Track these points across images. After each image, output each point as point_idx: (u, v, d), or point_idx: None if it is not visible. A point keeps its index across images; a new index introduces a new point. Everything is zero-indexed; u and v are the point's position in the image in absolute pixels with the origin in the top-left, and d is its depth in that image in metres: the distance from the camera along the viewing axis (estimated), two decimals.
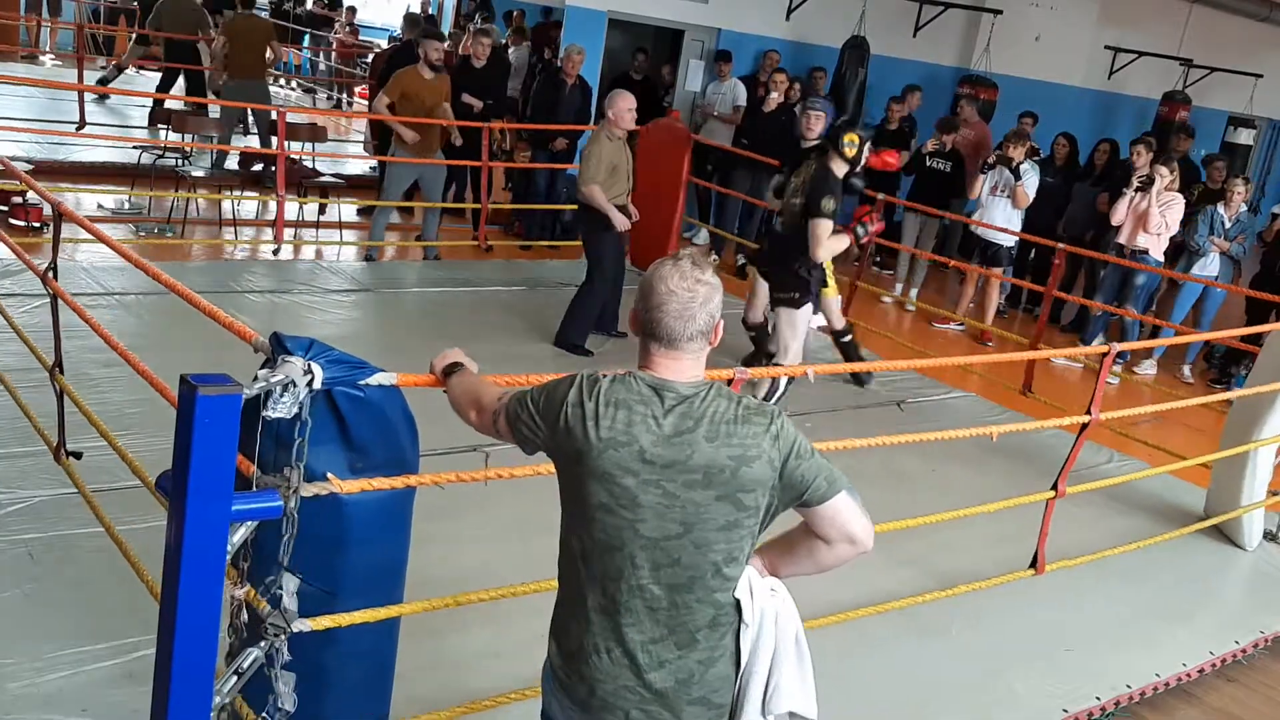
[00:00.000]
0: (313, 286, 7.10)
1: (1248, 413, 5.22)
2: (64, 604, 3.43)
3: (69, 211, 4.04)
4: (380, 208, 8.37)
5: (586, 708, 2.08)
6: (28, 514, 3.89)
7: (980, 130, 10.48)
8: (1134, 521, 5.25)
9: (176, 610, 2.06)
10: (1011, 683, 3.87)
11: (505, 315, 6.97)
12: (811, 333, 7.69)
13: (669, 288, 2.01)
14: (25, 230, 7.42)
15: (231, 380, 2.06)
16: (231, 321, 2.71)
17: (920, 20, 11.86)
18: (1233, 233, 8.33)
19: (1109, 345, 4.41)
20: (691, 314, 2.02)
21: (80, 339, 4.96)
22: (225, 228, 8.58)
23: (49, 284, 3.95)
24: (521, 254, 9.13)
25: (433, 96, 8.03)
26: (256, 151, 9.85)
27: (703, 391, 2.03)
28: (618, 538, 2.01)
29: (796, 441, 2.04)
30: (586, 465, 2.00)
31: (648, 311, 2.03)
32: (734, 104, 10.29)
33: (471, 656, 3.47)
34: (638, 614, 2.03)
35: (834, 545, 2.08)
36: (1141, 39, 11.99)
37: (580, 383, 2.05)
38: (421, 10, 15.53)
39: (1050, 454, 5.48)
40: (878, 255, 10.71)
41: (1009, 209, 8.43)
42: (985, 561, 4.42)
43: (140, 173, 8.94)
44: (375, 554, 2.59)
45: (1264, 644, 4.52)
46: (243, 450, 2.24)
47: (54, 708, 2.99)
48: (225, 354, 2.81)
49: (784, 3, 11.28)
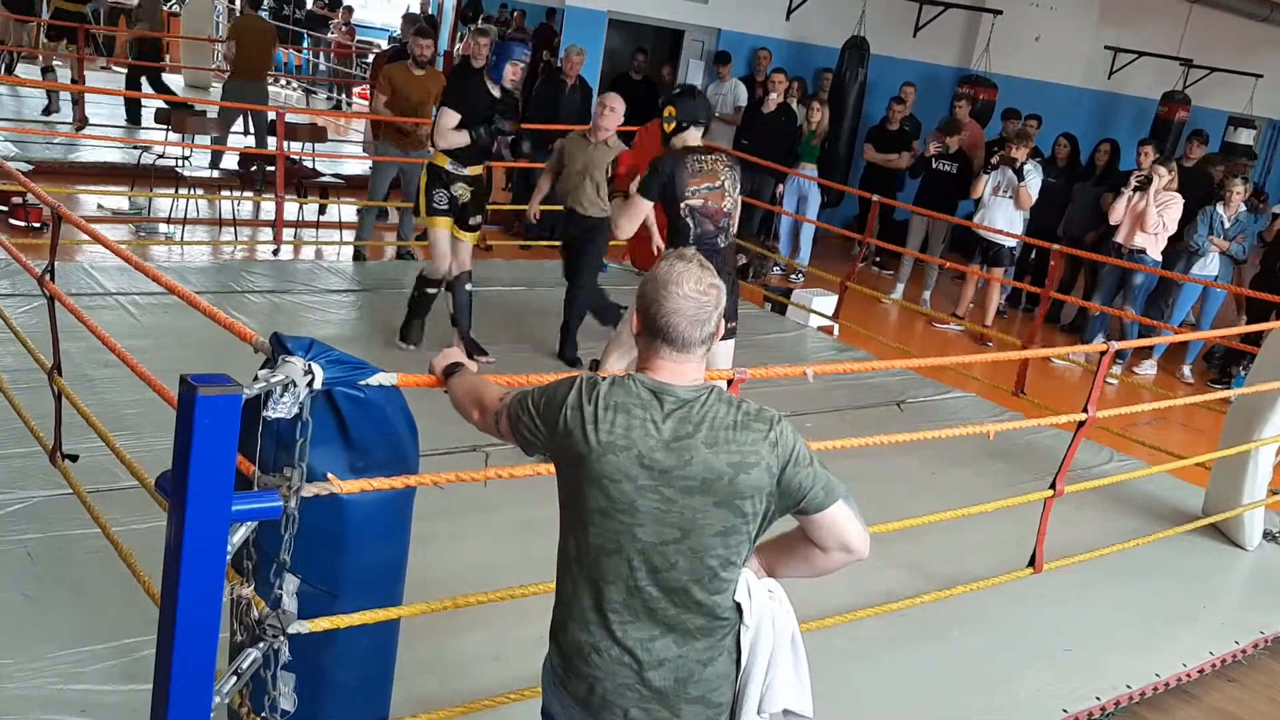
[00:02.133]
0: (313, 286, 7.10)
1: (1247, 412, 5.22)
2: (64, 604, 3.43)
3: (67, 214, 4.03)
4: (367, 208, 8.30)
5: (586, 706, 2.08)
6: (27, 515, 3.89)
7: (974, 131, 10.49)
8: (1133, 521, 5.24)
9: (176, 611, 2.06)
10: (1011, 683, 3.86)
11: (505, 315, 6.96)
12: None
13: (685, 291, 2.00)
14: (25, 231, 7.43)
15: (231, 380, 2.06)
16: (231, 322, 2.71)
17: (920, 20, 11.87)
18: (1232, 232, 8.33)
19: (1107, 344, 4.40)
20: (706, 317, 2.03)
21: (79, 340, 4.97)
22: (225, 228, 8.58)
23: (46, 287, 3.95)
24: (521, 254, 9.13)
25: (419, 92, 7.93)
26: (254, 152, 9.85)
27: (702, 396, 2.03)
28: (615, 541, 2.01)
29: (795, 448, 2.04)
30: (585, 468, 2.00)
31: (662, 316, 2.01)
32: (735, 105, 10.30)
33: (471, 657, 3.47)
34: (637, 613, 2.03)
35: (829, 553, 2.09)
36: (1141, 39, 12.00)
37: (580, 385, 2.05)
38: (421, 10, 15.51)
39: (1049, 454, 5.48)
40: (878, 256, 10.73)
41: (1011, 210, 8.43)
42: (984, 562, 4.42)
43: (140, 173, 8.94)
44: (375, 554, 2.59)
45: (1264, 644, 4.52)
46: (243, 450, 2.24)
47: (54, 708, 2.99)
48: (225, 354, 2.82)
49: (784, 3, 11.29)
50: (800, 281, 9.53)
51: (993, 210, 8.48)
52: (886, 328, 8.96)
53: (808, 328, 8.00)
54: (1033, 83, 11.66)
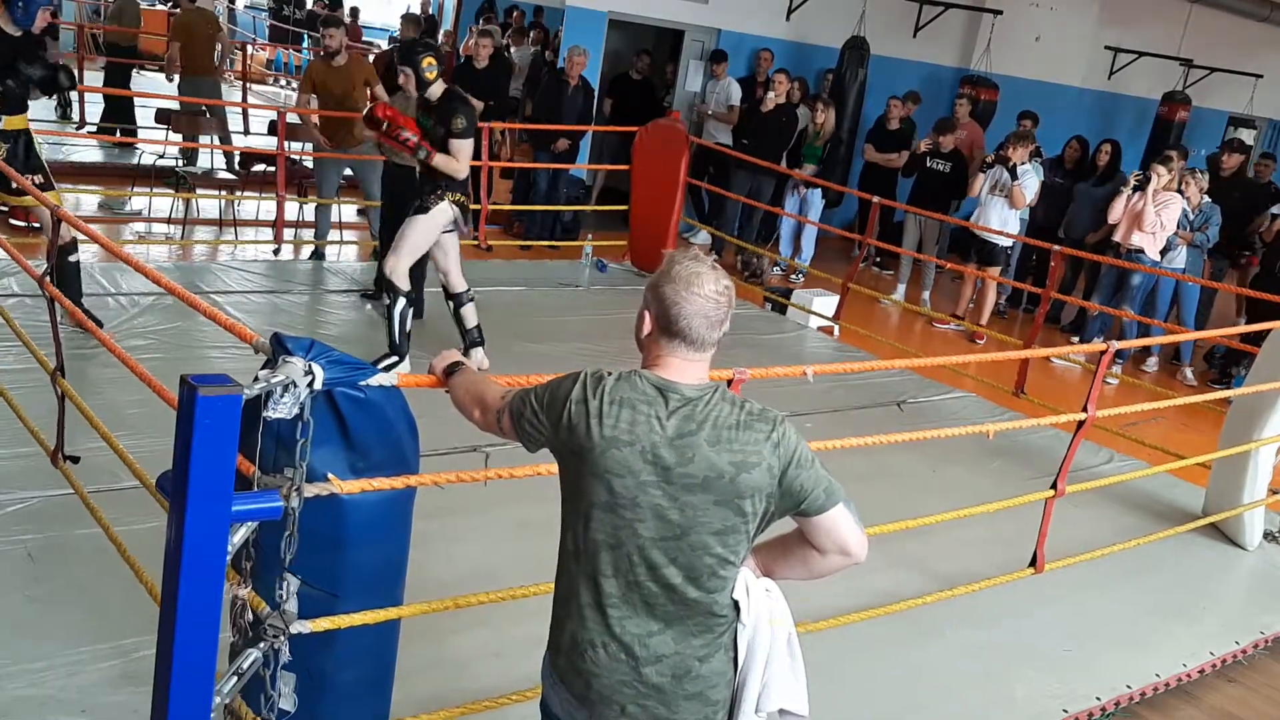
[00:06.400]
0: (313, 287, 7.10)
1: (1247, 412, 5.22)
2: (64, 605, 3.43)
3: (66, 214, 4.03)
4: (321, 206, 8.16)
5: (584, 701, 2.09)
6: (28, 515, 3.89)
7: (973, 131, 10.49)
8: (1134, 521, 5.24)
9: (176, 611, 2.06)
10: (1011, 683, 3.87)
11: (505, 315, 6.96)
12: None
13: (705, 293, 2.01)
14: (25, 230, 7.42)
15: (231, 381, 2.06)
16: (232, 322, 2.71)
17: (920, 20, 11.87)
18: (1197, 223, 8.32)
19: (1107, 343, 4.39)
20: (721, 317, 2.04)
21: (79, 340, 4.98)
22: (225, 228, 8.58)
23: (45, 288, 3.95)
24: (521, 254, 9.13)
25: (341, 85, 7.75)
26: (254, 152, 9.85)
27: (707, 394, 2.03)
28: (615, 536, 2.02)
29: (797, 450, 2.04)
30: (588, 463, 2.01)
31: (683, 318, 2.01)
32: (728, 103, 10.30)
33: (471, 657, 3.48)
34: (635, 608, 2.04)
35: (827, 555, 2.10)
36: (1141, 39, 12.00)
37: (584, 380, 2.06)
38: (422, 10, 15.50)
39: (1049, 454, 5.48)
40: (878, 256, 10.72)
41: (1005, 209, 8.43)
42: (984, 561, 4.42)
43: (140, 173, 8.94)
44: (375, 554, 2.59)
45: (1265, 644, 4.52)
46: (243, 451, 2.24)
47: (54, 708, 2.99)
48: (225, 354, 2.82)
49: (784, 3, 11.29)
50: (800, 282, 9.53)
51: (987, 210, 8.49)
52: (887, 328, 8.95)
53: (808, 328, 8.00)
54: (1033, 83, 11.66)
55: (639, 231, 8.58)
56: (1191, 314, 8.57)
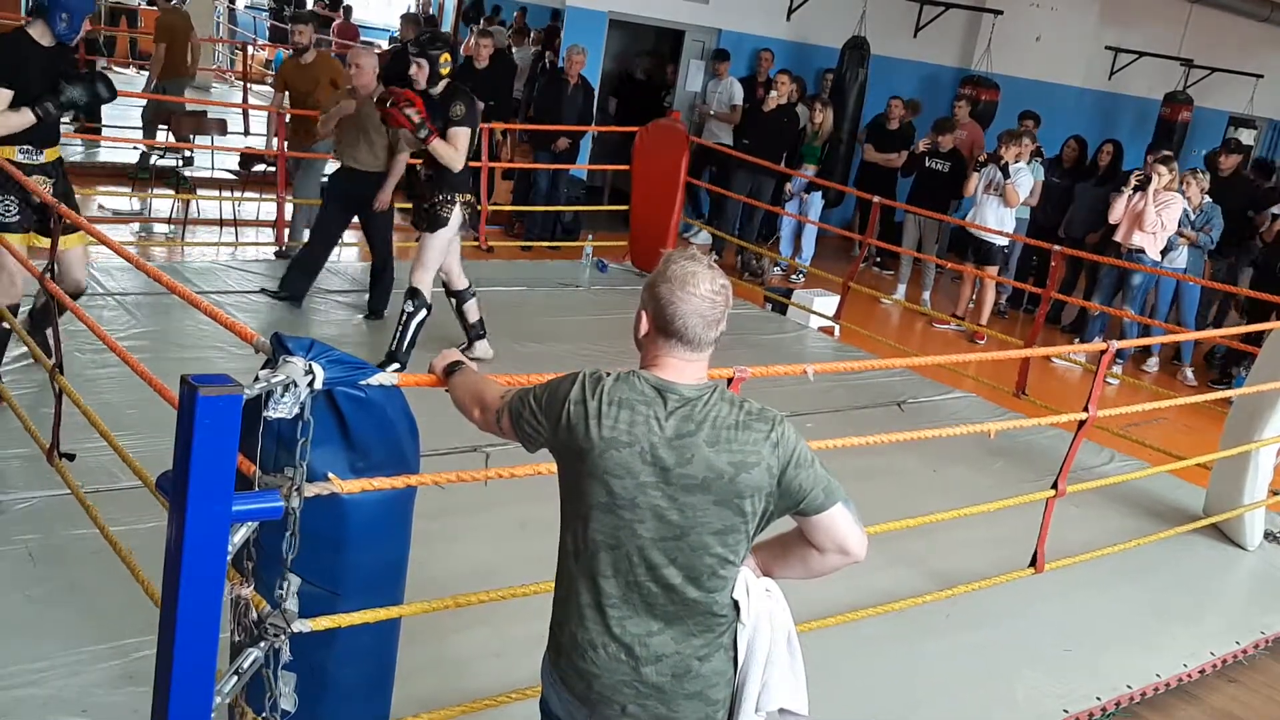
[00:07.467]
0: (313, 286, 7.09)
1: (1248, 412, 5.22)
2: (64, 605, 3.43)
3: (67, 212, 4.04)
4: (298, 206, 8.00)
5: (584, 700, 2.09)
6: (28, 515, 3.89)
7: (974, 131, 10.49)
8: (1134, 521, 5.24)
9: (177, 611, 2.06)
10: (1011, 683, 3.86)
11: (505, 316, 6.95)
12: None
13: (701, 293, 2.01)
14: None
15: (232, 380, 2.06)
16: (232, 322, 2.71)
17: (921, 20, 11.87)
18: (1198, 223, 8.32)
19: (1107, 343, 4.39)
20: (719, 316, 2.03)
21: (80, 339, 4.97)
22: (225, 228, 8.58)
23: (46, 285, 3.95)
24: (522, 254, 9.13)
25: (306, 83, 7.66)
26: (254, 152, 9.85)
27: (705, 394, 2.03)
28: (615, 537, 2.02)
29: (797, 450, 2.04)
30: (587, 464, 2.01)
31: (679, 317, 2.01)
32: (730, 103, 10.30)
33: (471, 656, 3.47)
34: (635, 608, 2.04)
35: (826, 554, 2.10)
36: (1142, 39, 12.00)
37: (583, 380, 2.06)
38: (421, 11, 15.51)
39: (1050, 454, 5.48)
40: (878, 256, 10.72)
41: (1000, 208, 8.44)
42: (985, 561, 4.42)
43: (132, 175, 8.94)
44: (376, 554, 2.59)
45: (1265, 644, 4.52)
46: (243, 451, 2.24)
47: (54, 709, 2.99)
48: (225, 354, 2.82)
49: (784, 3, 11.29)
50: (800, 282, 9.53)
51: (984, 209, 8.49)
52: (887, 328, 8.95)
53: (808, 328, 8.00)
54: (1033, 83, 11.66)
55: (639, 232, 8.58)
56: (1192, 314, 8.57)
